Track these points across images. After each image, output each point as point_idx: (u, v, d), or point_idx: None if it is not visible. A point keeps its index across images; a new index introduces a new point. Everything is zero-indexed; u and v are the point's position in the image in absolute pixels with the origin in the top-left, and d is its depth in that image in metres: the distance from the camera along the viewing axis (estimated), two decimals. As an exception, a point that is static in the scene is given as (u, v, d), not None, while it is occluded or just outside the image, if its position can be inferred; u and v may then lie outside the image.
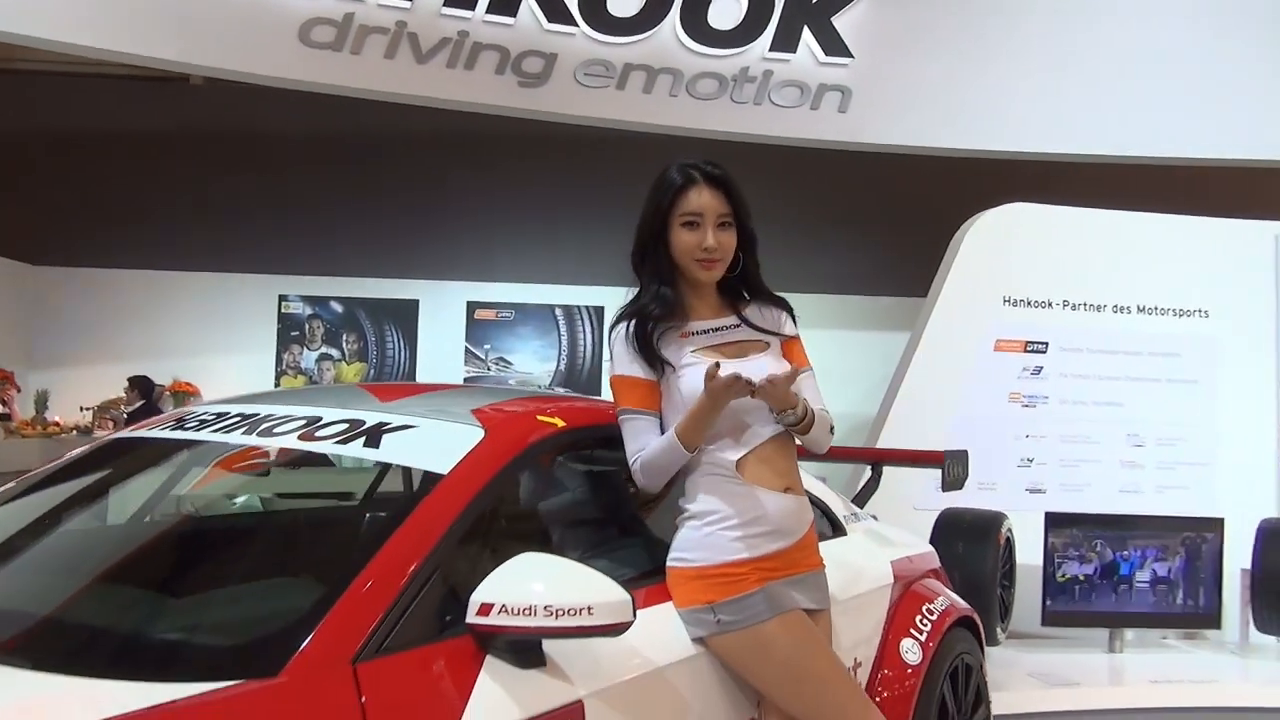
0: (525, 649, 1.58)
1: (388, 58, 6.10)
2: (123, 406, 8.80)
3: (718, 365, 1.87)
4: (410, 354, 10.55)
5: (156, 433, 2.19)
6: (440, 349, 10.51)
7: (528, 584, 1.52)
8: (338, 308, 10.49)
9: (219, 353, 10.35)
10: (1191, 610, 5.29)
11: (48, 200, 10.03)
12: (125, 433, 2.28)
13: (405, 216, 10.32)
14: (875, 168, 7.41)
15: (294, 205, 10.16)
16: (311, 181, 10.16)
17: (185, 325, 10.31)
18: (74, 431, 7.69)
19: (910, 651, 2.65)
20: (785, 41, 6.64)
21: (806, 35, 6.65)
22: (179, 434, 2.10)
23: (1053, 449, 5.96)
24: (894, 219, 8.02)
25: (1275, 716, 4.63)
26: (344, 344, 10.46)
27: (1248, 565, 5.21)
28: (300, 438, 1.94)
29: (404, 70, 6.14)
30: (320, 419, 2.00)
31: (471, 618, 1.53)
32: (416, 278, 10.53)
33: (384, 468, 1.95)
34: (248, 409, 2.13)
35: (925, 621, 2.74)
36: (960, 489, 3.82)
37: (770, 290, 2.15)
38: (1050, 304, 6.02)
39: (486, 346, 10.59)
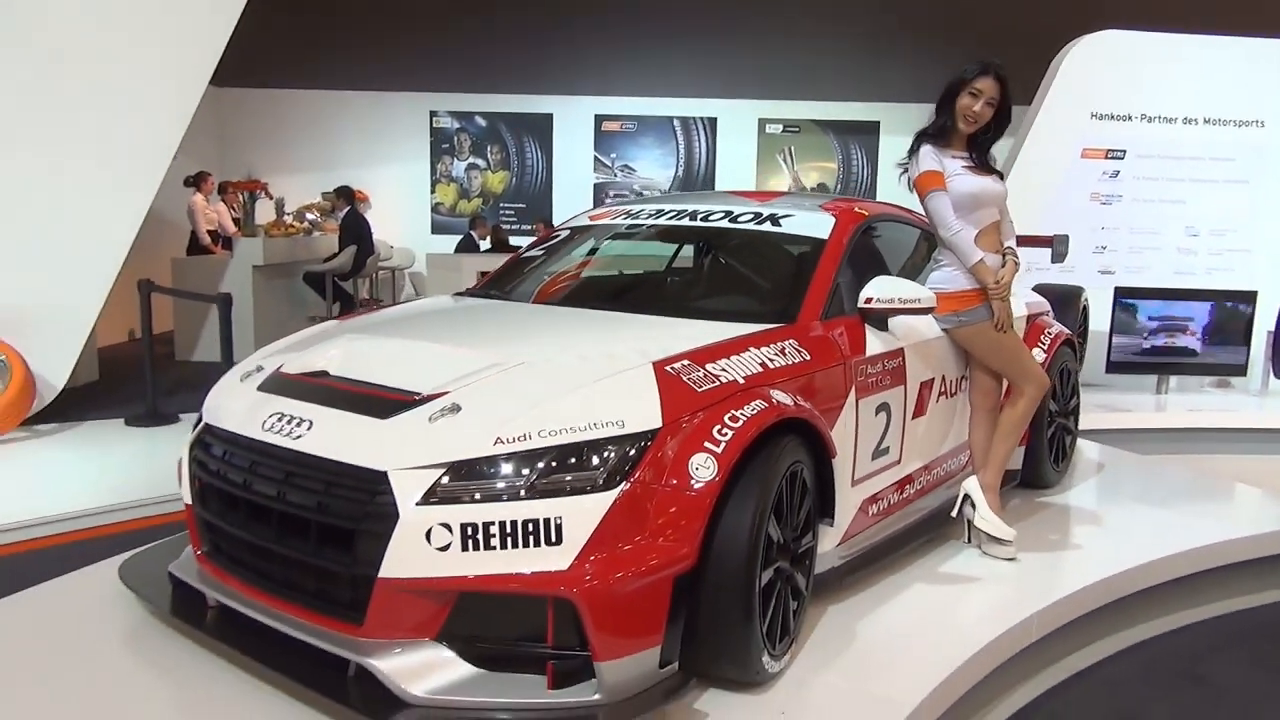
0: (883, 321, 3.15)
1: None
2: (318, 214, 10.34)
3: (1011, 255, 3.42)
4: (546, 163, 11.78)
5: (644, 220, 3.69)
6: (572, 158, 11.71)
7: (889, 287, 3.07)
8: (481, 122, 11.66)
9: (379, 164, 11.70)
10: (1224, 361, 6.80)
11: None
12: (610, 220, 3.83)
13: (538, 36, 11.19)
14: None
15: (440, 27, 11.17)
16: (455, 4, 11.18)
17: (349, 140, 11.61)
18: (301, 234, 9.28)
19: (1037, 355, 4.22)
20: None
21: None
22: (653, 221, 3.66)
23: (1123, 239, 7.35)
24: (1004, 40, 8.95)
25: (1274, 434, 6.24)
26: (488, 154, 11.71)
27: (1272, 328, 6.72)
28: (730, 222, 3.48)
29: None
30: (733, 211, 3.53)
31: (860, 304, 3.08)
32: (549, 94, 11.62)
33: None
34: (678, 206, 3.67)
35: (1046, 338, 4.30)
36: (1063, 262, 5.29)
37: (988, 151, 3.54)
38: (1130, 117, 7.24)
39: (613, 155, 11.78)
